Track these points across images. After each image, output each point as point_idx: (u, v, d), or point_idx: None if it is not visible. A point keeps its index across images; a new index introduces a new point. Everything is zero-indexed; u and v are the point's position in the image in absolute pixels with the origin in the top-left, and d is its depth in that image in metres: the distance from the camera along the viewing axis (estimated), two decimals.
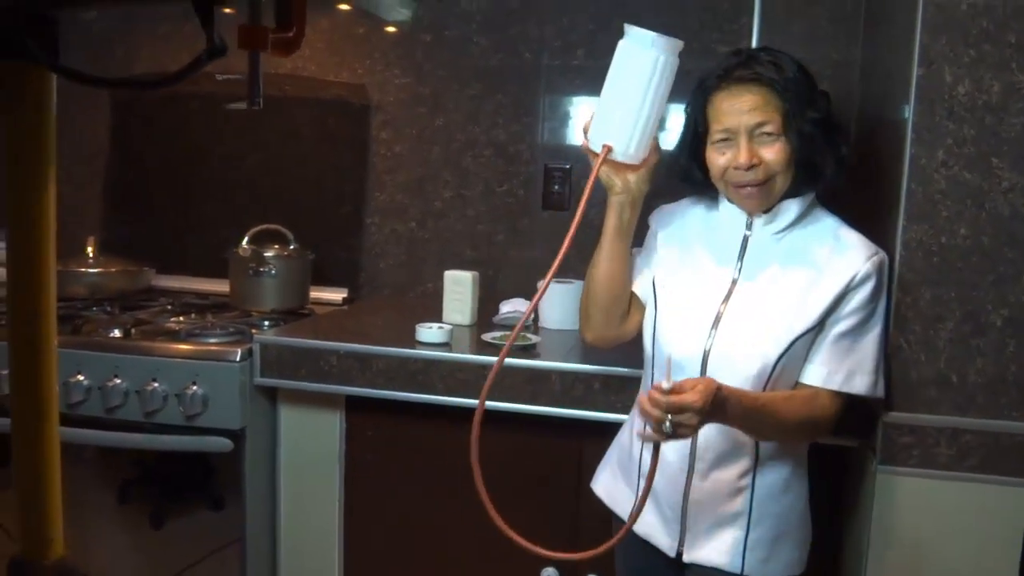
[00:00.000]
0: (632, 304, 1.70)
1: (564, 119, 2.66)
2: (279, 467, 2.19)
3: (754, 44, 2.30)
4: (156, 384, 2.08)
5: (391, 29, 2.74)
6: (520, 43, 2.64)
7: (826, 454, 1.73)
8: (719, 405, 1.34)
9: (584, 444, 1.99)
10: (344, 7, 2.75)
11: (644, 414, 1.35)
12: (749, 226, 1.56)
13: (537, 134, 2.67)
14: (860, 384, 1.53)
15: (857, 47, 2.34)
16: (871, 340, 1.54)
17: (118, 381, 2.09)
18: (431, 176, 2.75)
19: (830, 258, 1.51)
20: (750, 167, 1.47)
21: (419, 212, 2.76)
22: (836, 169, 1.52)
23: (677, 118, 2.09)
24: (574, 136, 2.65)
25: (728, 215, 1.59)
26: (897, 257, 1.65)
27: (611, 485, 1.74)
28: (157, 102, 2.85)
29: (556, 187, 2.64)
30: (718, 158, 1.52)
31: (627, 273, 1.68)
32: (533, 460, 2.05)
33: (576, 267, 2.60)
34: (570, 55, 2.61)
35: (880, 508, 1.71)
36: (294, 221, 2.62)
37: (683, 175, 1.64)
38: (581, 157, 2.64)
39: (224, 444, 2.08)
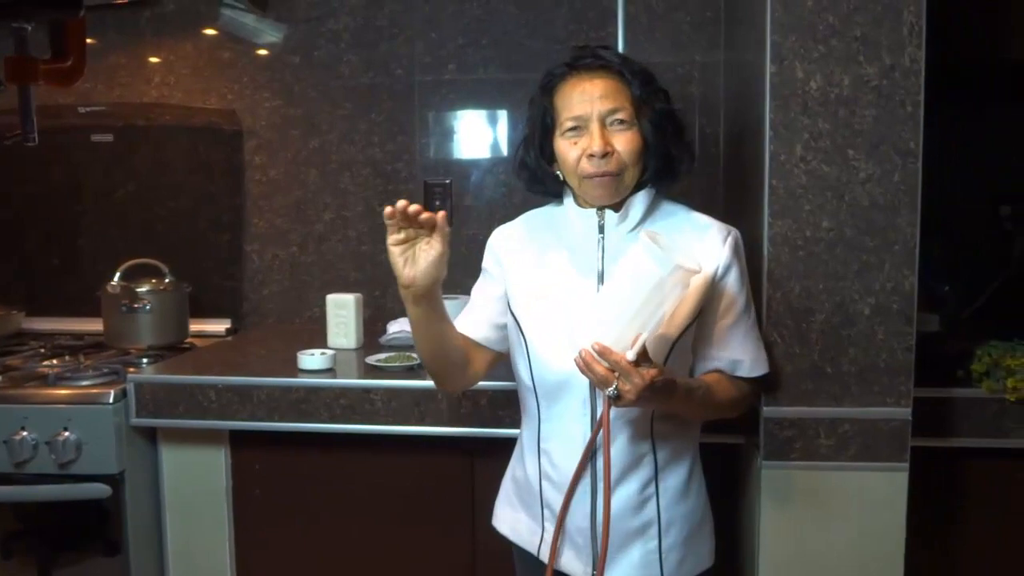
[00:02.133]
0: (473, 350, 1.63)
1: (440, 134, 2.64)
2: (163, 509, 2.11)
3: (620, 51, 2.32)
4: (25, 433, 1.99)
5: (259, 52, 2.68)
6: (391, 60, 2.61)
7: (717, 451, 1.75)
8: (668, 384, 1.35)
9: (475, 460, 1.98)
10: (209, 31, 2.68)
11: (587, 368, 1.33)
12: (601, 228, 1.52)
13: (415, 151, 2.64)
14: (761, 367, 1.59)
15: (719, 50, 2.39)
16: (754, 322, 1.58)
17: None
18: (310, 199, 2.69)
19: (689, 251, 1.48)
20: (604, 154, 1.44)
21: (300, 236, 2.71)
22: (688, 163, 1.53)
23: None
24: (451, 151, 2.65)
25: (579, 221, 1.54)
26: (765, 253, 1.67)
27: (513, 520, 1.67)
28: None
29: (437, 203, 2.62)
30: (570, 149, 1.48)
31: (450, 337, 1.57)
32: (425, 480, 2.02)
33: (463, 283, 2.59)
34: (441, 70, 2.59)
35: (767, 501, 1.73)
36: (171, 253, 2.54)
37: (530, 178, 1.58)
38: (460, 171, 2.65)
39: (102, 490, 2.00)
